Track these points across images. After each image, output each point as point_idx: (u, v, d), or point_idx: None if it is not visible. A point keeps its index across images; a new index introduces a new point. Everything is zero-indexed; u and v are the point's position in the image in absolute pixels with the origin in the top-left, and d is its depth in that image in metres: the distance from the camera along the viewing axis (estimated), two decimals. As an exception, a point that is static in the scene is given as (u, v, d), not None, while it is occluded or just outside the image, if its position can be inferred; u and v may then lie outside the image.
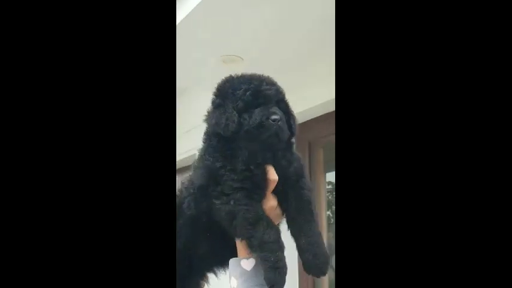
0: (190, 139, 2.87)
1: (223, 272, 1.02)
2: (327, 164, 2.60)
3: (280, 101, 0.93)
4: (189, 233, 0.94)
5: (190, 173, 1.00)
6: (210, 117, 0.92)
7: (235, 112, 0.88)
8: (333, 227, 2.81)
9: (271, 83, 0.93)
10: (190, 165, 1.02)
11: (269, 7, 1.76)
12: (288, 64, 2.37)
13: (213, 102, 0.95)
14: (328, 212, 2.80)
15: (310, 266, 0.86)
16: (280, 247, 0.84)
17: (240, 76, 0.94)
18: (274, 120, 0.87)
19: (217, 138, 0.91)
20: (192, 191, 0.94)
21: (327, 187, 2.82)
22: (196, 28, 1.92)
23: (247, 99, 0.88)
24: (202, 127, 1.02)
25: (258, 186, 0.89)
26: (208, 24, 1.91)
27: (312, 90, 2.41)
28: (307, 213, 0.91)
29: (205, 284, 1.09)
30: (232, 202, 0.85)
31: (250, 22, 1.91)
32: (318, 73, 2.32)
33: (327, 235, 2.72)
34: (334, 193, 2.91)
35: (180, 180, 1.04)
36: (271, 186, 0.91)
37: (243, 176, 0.87)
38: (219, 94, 0.94)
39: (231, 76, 0.96)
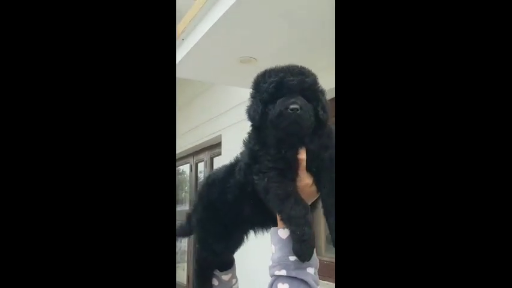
0: (216, 123, 4.25)
1: (263, 233, 1.13)
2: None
3: (305, 89, 0.95)
4: (237, 192, 1.06)
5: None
6: (247, 109, 1.01)
7: (260, 104, 0.95)
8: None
9: (296, 74, 0.96)
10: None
11: (278, 19, 2.05)
12: (293, 61, 2.47)
13: (250, 94, 1.02)
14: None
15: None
16: (307, 222, 0.89)
17: (273, 68, 0.99)
18: (292, 110, 0.91)
19: (252, 127, 1.02)
20: (241, 162, 1.06)
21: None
22: (221, 35, 2.23)
23: (271, 91, 0.94)
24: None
25: (290, 167, 0.95)
26: (231, 32, 2.21)
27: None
28: None
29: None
30: (266, 179, 0.93)
31: (262, 31, 2.18)
32: (319, 67, 2.51)
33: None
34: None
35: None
36: (301, 164, 0.96)
37: (275, 157, 0.95)
38: (254, 86, 1.01)
39: (266, 69, 1.00)
